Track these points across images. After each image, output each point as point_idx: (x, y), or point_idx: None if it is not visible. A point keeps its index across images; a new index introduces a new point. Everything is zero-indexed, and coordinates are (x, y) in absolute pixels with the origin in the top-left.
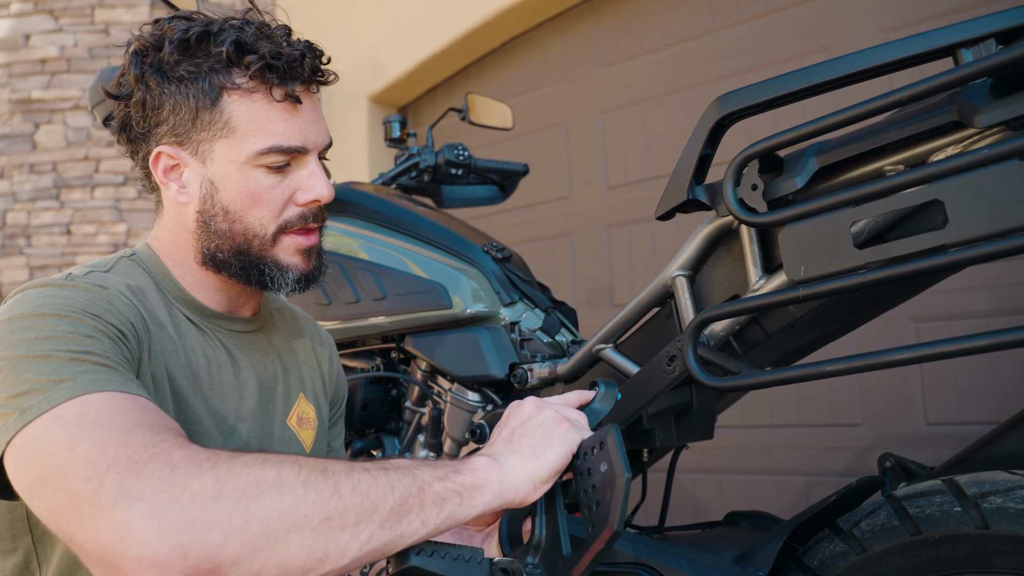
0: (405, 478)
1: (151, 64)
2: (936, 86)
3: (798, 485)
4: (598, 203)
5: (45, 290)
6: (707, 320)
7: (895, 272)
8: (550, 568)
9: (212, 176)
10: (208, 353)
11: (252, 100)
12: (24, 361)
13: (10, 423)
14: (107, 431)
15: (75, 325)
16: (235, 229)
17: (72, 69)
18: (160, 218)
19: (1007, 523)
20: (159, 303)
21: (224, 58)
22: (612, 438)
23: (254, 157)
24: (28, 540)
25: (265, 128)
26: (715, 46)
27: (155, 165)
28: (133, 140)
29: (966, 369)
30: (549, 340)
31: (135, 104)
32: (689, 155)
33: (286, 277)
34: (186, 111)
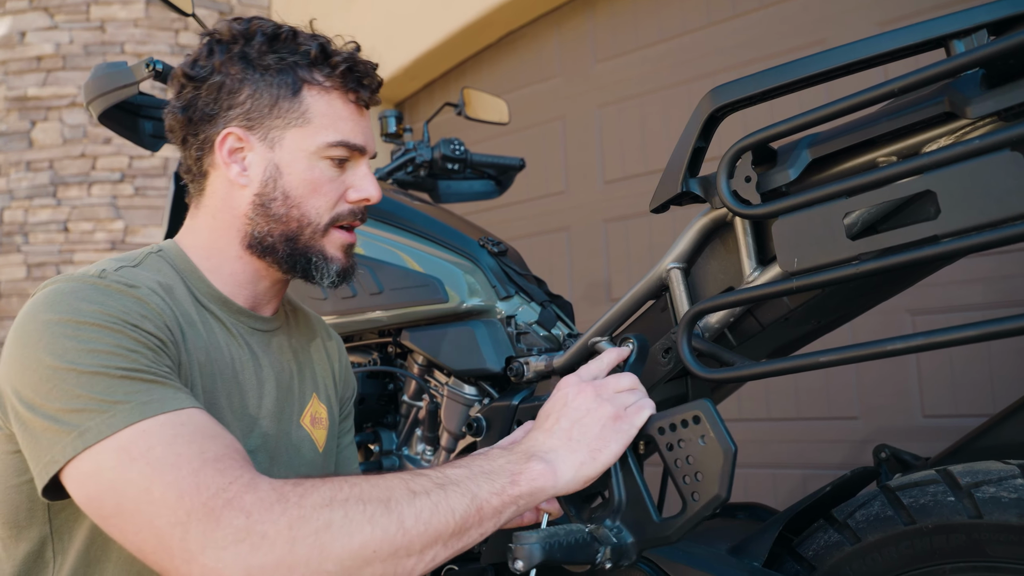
0: (464, 499)
1: (237, 52)
2: (928, 77)
3: (795, 478)
4: (595, 198)
5: (81, 289)
6: (701, 312)
7: (888, 263)
8: (638, 532)
9: (278, 161)
10: (232, 351)
11: (329, 97)
12: (73, 375)
13: (68, 442)
14: (177, 471)
15: (118, 338)
16: (292, 215)
17: (68, 66)
18: (197, 209)
19: (1000, 512)
20: (187, 300)
21: (310, 56)
22: (711, 413)
23: (323, 148)
24: (46, 529)
25: (337, 124)
26: (711, 41)
27: (221, 145)
28: (195, 122)
29: (963, 362)
30: (545, 333)
31: (210, 87)
32: (683, 148)
33: (330, 269)
34: (266, 97)
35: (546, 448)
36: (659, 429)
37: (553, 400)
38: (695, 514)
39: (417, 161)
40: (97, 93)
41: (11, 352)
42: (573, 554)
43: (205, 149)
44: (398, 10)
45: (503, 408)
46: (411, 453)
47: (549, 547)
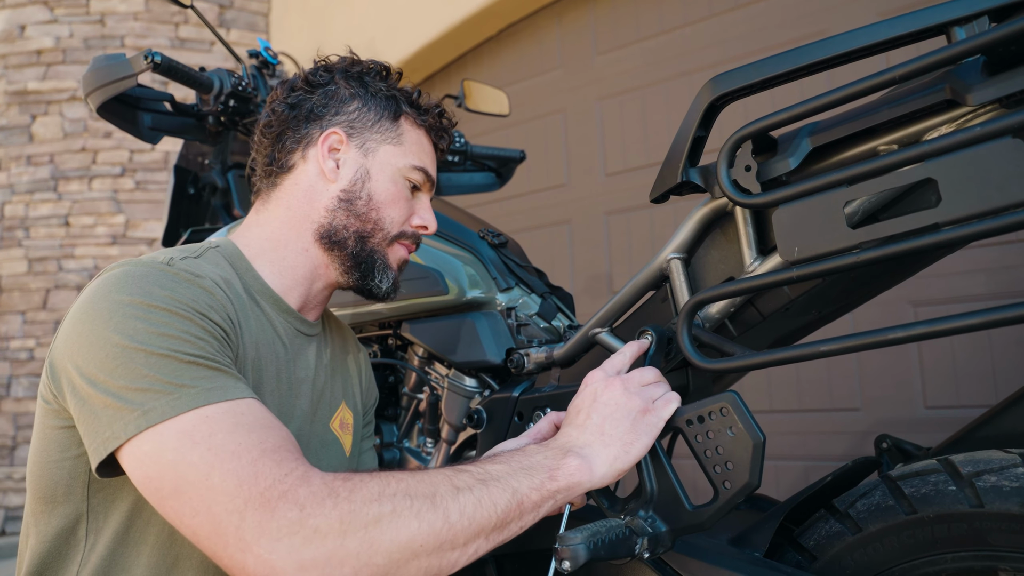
0: (505, 493)
1: (356, 73)
2: (929, 64)
3: (797, 469)
4: (596, 190)
5: (151, 273)
6: (702, 302)
7: (889, 251)
8: (671, 520)
9: (369, 167)
10: (278, 349)
11: (419, 132)
12: (142, 355)
13: (131, 419)
14: (237, 459)
15: (186, 324)
16: (371, 215)
17: (68, 60)
18: (264, 204)
19: (1001, 501)
20: (243, 295)
21: (411, 98)
22: (738, 405)
23: (408, 169)
24: (83, 507)
25: (421, 154)
26: (712, 32)
27: (323, 140)
28: (299, 119)
29: (965, 353)
30: (546, 325)
31: (324, 92)
32: (683, 137)
33: (387, 276)
34: (372, 113)
35: (580, 443)
36: (687, 421)
37: (582, 395)
38: (727, 502)
39: None
40: (96, 85)
41: (76, 328)
42: (615, 550)
43: (301, 144)
44: (399, 2)
45: (504, 400)
46: (412, 445)
47: (594, 546)
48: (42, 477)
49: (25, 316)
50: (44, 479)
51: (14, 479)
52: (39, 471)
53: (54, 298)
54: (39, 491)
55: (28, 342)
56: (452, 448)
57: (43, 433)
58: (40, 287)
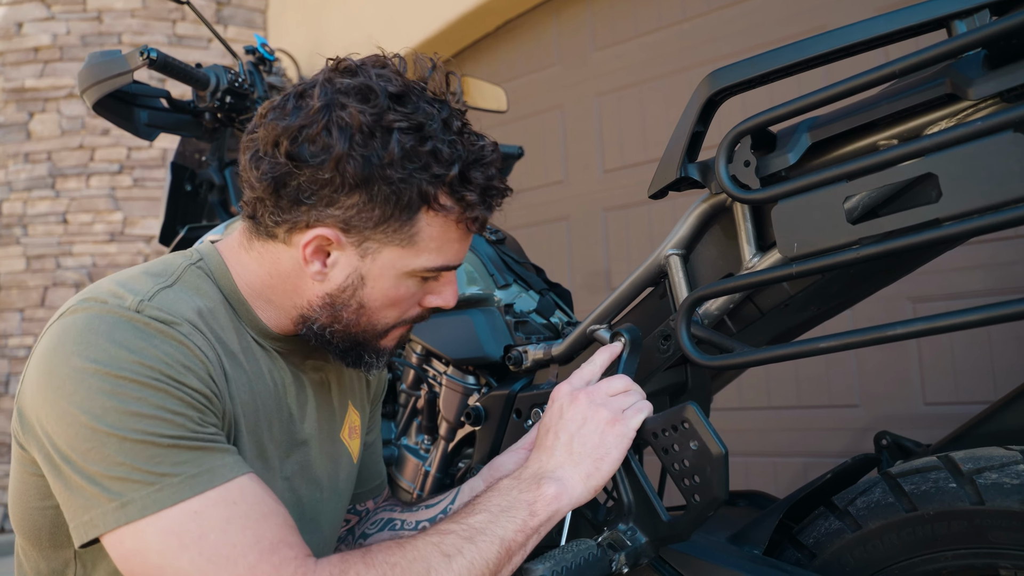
0: (493, 546)
1: (361, 154)
2: (929, 58)
3: (796, 467)
4: (594, 187)
5: (117, 327)
6: (700, 298)
7: (889, 247)
8: (649, 531)
9: (365, 272)
10: (275, 376)
11: (445, 221)
12: (115, 440)
13: (109, 510)
14: (233, 566)
15: (161, 398)
16: (360, 323)
17: (65, 57)
18: (251, 245)
19: (1002, 498)
20: (229, 326)
21: (447, 179)
22: (696, 418)
23: (419, 271)
24: (69, 553)
25: (443, 248)
26: (710, 28)
27: (307, 244)
28: (282, 197)
29: (964, 349)
30: (544, 322)
31: (315, 178)
32: (681, 132)
33: (379, 361)
34: (377, 212)
35: (551, 467)
36: (652, 434)
37: (549, 413)
38: (699, 514)
39: None
40: (91, 81)
41: (40, 391)
42: (585, 572)
43: (282, 225)
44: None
45: (502, 397)
46: (410, 443)
47: (559, 573)
48: (24, 520)
49: (23, 314)
50: (27, 522)
51: None
52: (21, 513)
53: (52, 296)
54: (24, 531)
55: (27, 339)
56: (450, 445)
57: (21, 476)
58: (38, 284)
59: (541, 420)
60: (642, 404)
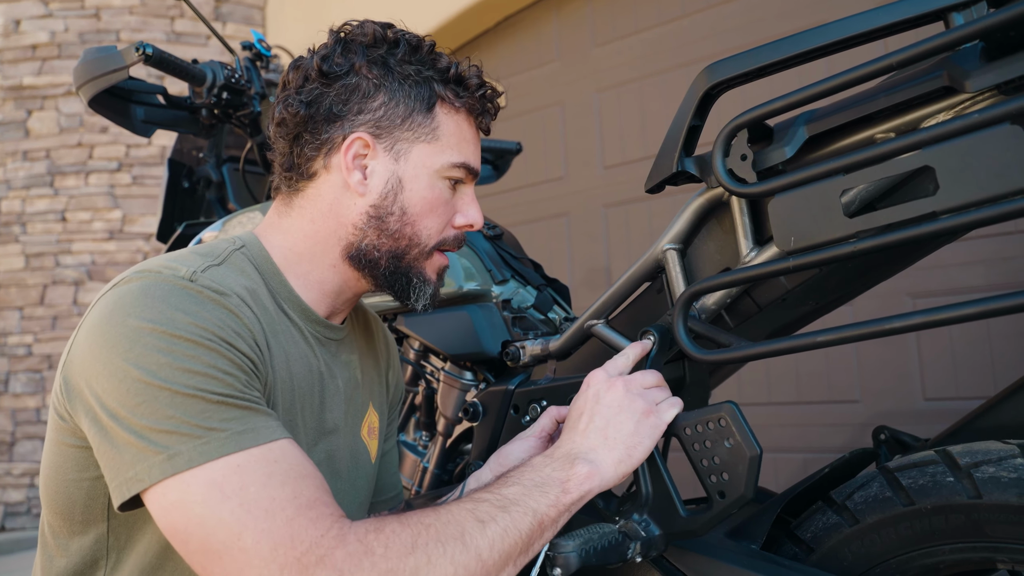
0: (526, 517)
1: (378, 56)
2: (926, 50)
3: (796, 462)
4: (594, 183)
5: (173, 293)
6: (697, 293)
7: (886, 240)
8: (665, 524)
9: (402, 175)
10: (310, 362)
11: (457, 118)
12: (166, 394)
13: (155, 463)
14: (272, 519)
15: (213, 358)
16: (404, 232)
17: (63, 55)
18: (289, 209)
19: (1000, 492)
20: (270, 305)
21: (448, 75)
22: (736, 417)
23: (446, 168)
24: (103, 528)
25: (461, 145)
26: (710, 23)
27: (347, 149)
28: (316, 120)
29: (964, 344)
30: (542, 317)
31: (343, 87)
32: (678, 126)
33: (426, 291)
34: (401, 108)
35: (586, 449)
36: (685, 429)
37: (585, 397)
38: (721, 511)
39: None
40: (87, 78)
41: (93, 352)
42: (607, 556)
43: (321, 150)
44: None
45: (499, 393)
46: (408, 439)
47: (585, 553)
48: (58, 494)
49: (23, 312)
50: (61, 496)
51: (13, 475)
52: (55, 487)
53: (51, 294)
54: (55, 507)
55: (26, 338)
56: (448, 441)
57: (59, 449)
58: (37, 283)
59: (574, 403)
60: (675, 400)
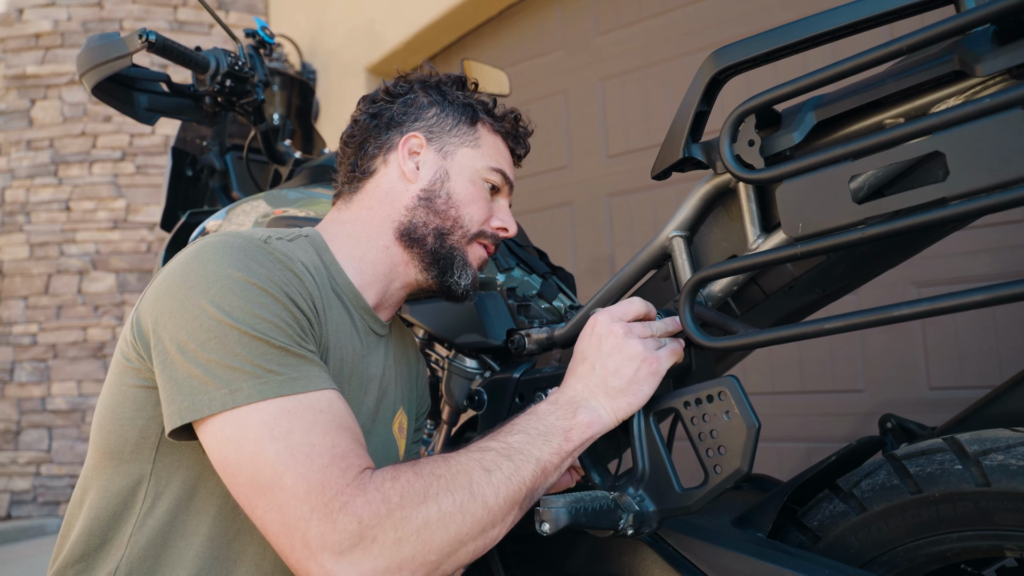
0: (529, 464)
1: (433, 83)
2: (937, 34)
3: (800, 452)
4: (598, 172)
5: (251, 248)
6: (704, 279)
7: (895, 227)
8: (659, 501)
9: (448, 168)
10: (354, 342)
11: (495, 137)
12: (236, 333)
13: (216, 396)
14: (310, 463)
15: (279, 309)
16: (450, 213)
17: (66, 44)
18: (347, 205)
19: (1008, 480)
20: (327, 285)
21: (488, 106)
22: (736, 390)
23: (486, 170)
24: (148, 468)
25: (499, 157)
26: (714, 11)
27: (404, 143)
28: (380, 126)
29: (969, 333)
30: (547, 305)
31: (404, 101)
32: (685, 112)
33: (466, 274)
34: (450, 119)
35: (586, 396)
36: (685, 403)
37: (587, 340)
38: (716, 486)
39: None
40: (90, 65)
41: (171, 291)
42: (597, 519)
43: (383, 149)
44: None
45: (504, 381)
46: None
47: (575, 511)
48: (112, 432)
49: (27, 301)
50: (113, 435)
51: (19, 463)
52: (109, 426)
53: (56, 283)
54: (106, 446)
55: (31, 327)
56: (453, 430)
57: (119, 390)
58: (42, 272)
59: (578, 344)
60: (674, 345)
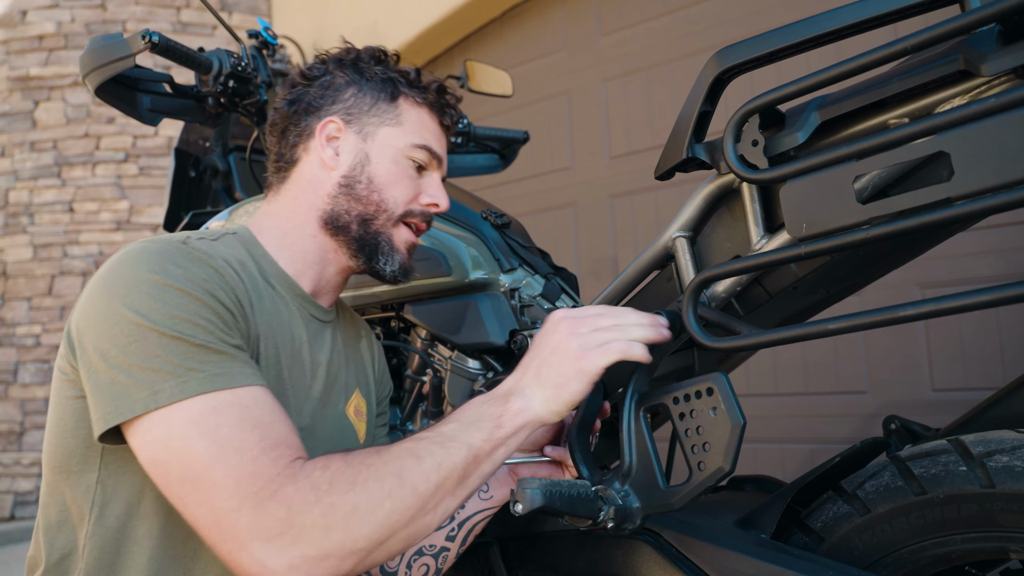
0: (461, 451)
1: (349, 61)
2: (942, 34)
3: (803, 453)
4: (601, 173)
5: (169, 250)
6: (707, 280)
7: (899, 227)
8: (644, 497)
9: (368, 151)
10: (292, 330)
11: (419, 110)
12: (155, 335)
13: (139, 398)
14: (239, 456)
15: (198, 307)
16: (372, 198)
17: (70, 45)
18: (276, 195)
19: (1013, 482)
20: (257, 277)
21: (409, 77)
22: (723, 386)
23: (409, 148)
24: (94, 477)
25: (423, 132)
26: (718, 12)
27: (321, 130)
28: (299, 112)
29: (973, 334)
30: (549, 306)
31: (320, 84)
32: (688, 112)
33: (394, 259)
34: (368, 98)
35: (521, 386)
36: (674, 399)
37: (538, 335)
38: (699, 484)
39: None
40: (93, 66)
41: (92, 301)
42: (574, 506)
43: (303, 137)
44: None
45: None
46: (415, 428)
47: (550, 494)
48: (58, 447)
49: (31, 302)
50: (60, 448)
51: (23, 464)
52: (56, 440)
53: (59, 284)
54: (54, 461)
55: (34, 328)
56: None
57: (60, 403)
58: (45, 273)
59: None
60: (619, 346)
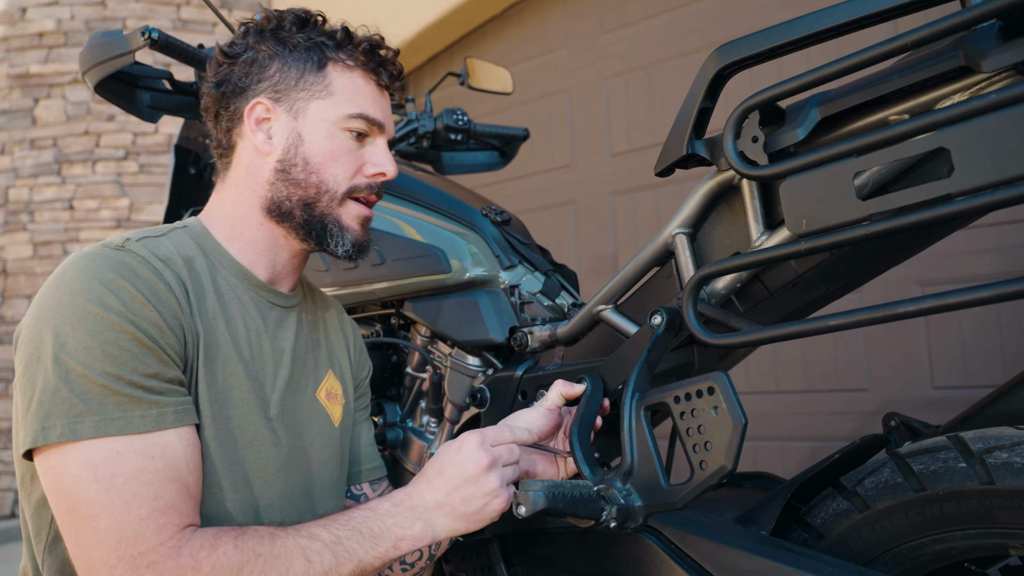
0: (351, 563)
1: (269, 31)
2: (942, 30)
3: (803, 451)
4: (602, 171)
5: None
6: (707, 276)
7: (899, 223)
8: (647, 496)
9: (301, 130)
10: (248, 321)
11: (351, 74)
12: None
13: (30, 432)
14: (127, 513)
15: (116, 336)
16: (311, 180)
17: (70, 43)
18: (223, 183)
19: (1012, 478)
20: (205, 272)
21: (336, 38)
22: (725, 385)
23: (343, 119)
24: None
25: (357, 98)
26: (719, 10)
27: (249, 114)
28: (227, 95)
29: (973, 332)
30: (549, 303)
31: (243, 63)
32: (688, 108)
33: (344, 238)
34: (293, 71)
35: (432, 510)
36: (675, 398)
37: (452, 456)
38: (701, 483)
39: (420, 132)
40: (93, 62)
41: (29, 317)
42: (577, 507)
43: (235, 121)
44: None
45: (507, 379)
46: (415, 425)
47: (552, 496)
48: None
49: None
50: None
51: None
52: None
53: None
54: (19, 475)
55: None
56: (455, 427)
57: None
58: (46, 271)
59: (441, 450)
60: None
